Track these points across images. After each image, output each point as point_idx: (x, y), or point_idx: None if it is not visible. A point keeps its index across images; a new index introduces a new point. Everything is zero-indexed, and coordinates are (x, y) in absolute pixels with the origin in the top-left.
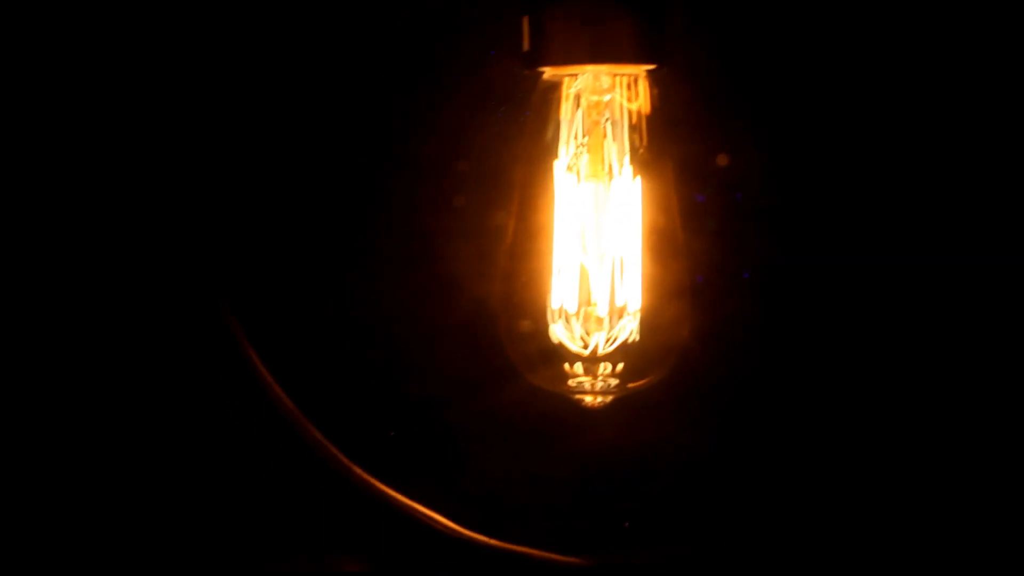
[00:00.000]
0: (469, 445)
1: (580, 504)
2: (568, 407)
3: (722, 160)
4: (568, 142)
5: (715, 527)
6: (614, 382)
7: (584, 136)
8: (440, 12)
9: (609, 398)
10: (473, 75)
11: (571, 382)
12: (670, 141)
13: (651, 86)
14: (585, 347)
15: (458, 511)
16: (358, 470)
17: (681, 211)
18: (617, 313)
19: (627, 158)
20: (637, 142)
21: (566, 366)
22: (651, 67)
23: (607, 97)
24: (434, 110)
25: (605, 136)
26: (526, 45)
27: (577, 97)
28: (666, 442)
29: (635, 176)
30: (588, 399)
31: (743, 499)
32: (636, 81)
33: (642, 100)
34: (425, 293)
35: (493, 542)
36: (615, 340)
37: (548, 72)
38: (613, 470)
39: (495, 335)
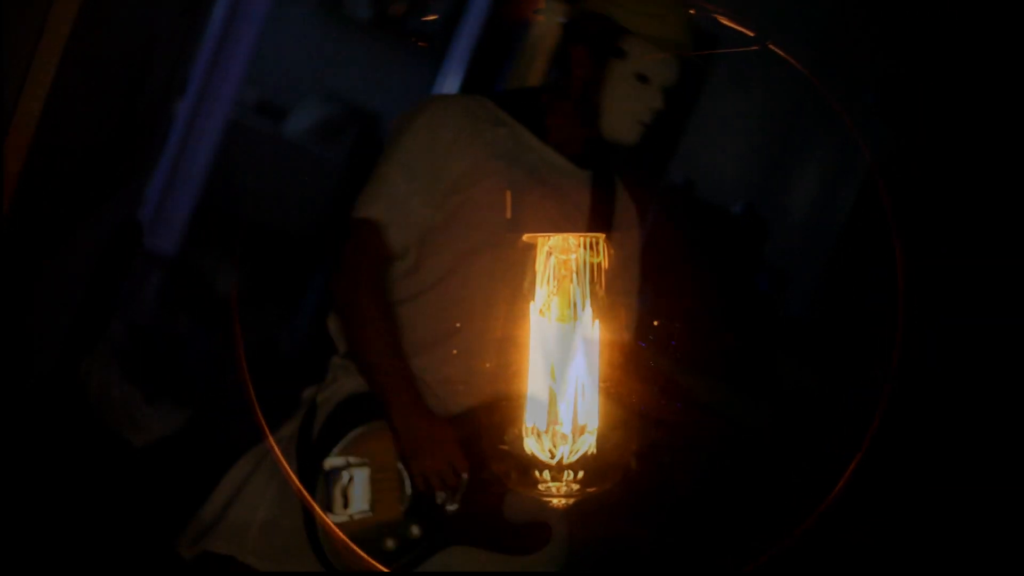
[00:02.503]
0: None
1: None
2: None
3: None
4: (541, 290)
5: None
6: (575, 487)
7: (554, 285)
8: None
9: (571, 500)
10: None
11: (541, 486)
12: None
13: (609, 246)
14: (552, 457)
15: None
16: None
17: (632, 350)
18: (579, 431)
19: (588, 303)
20: (597, 291)
21: (536, 473)
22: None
23: (573, 255)
24: None
25: (572, 284)
26: (508, 214)
27: (549, 254)
28: (615, 537)
29: (595, 319)
30: (555, 501)
31: None
32: (598, 242)
33: (602, 257)
34: None
35: None
36: (577, 452)
37: (527, 235)
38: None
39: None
